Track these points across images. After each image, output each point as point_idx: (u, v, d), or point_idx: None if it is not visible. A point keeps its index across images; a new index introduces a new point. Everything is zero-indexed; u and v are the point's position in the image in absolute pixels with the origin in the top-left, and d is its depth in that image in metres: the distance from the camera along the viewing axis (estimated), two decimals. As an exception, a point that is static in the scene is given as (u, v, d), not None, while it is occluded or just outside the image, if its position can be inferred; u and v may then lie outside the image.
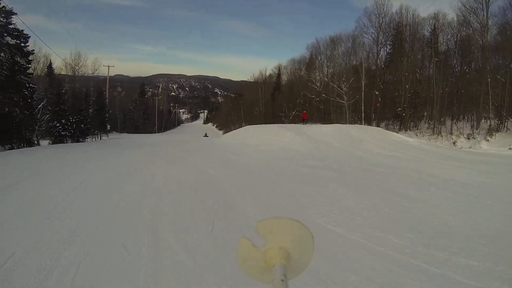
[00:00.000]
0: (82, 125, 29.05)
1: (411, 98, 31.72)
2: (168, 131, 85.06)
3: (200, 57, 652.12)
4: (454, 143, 23.93)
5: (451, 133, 26.28)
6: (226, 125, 76.30)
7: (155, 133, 69.43)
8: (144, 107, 69.57)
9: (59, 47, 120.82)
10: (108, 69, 42.71)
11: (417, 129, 28.92)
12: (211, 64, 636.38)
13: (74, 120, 26.92)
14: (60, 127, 25.34)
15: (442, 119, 28.26)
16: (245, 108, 59.47)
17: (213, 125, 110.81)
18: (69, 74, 51.50)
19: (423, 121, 30.99)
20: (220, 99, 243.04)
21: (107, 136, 38.99)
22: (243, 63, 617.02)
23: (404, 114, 31.03)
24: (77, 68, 52.80)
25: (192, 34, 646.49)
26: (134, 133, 63.38)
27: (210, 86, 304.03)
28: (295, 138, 18.45)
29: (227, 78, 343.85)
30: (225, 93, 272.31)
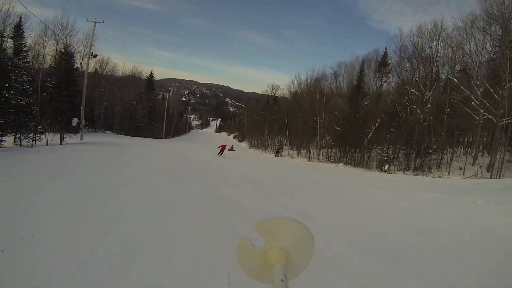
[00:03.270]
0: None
1: None
2: (177, 137, 67.50)
3: (212, 64, 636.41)
4: None
5: None
6: (250, 137, 58.92)
7: (161, 138, 52.02)
8: (150, 104, 52.18)
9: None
10: (94, 26, 25.13)
11: None
12: (223, 73, 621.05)
13: None
14: None
15: None
16: (283, 119, 42.11)
17: (228, 135, 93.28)
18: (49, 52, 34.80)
19: None
20: (231, 108, 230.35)
21: (79, 138, 21.68)
22: (254, 75, 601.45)
23: None
24: (61, 36, 36.04)
25: (207, 42, 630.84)
26: (135, 135, 46.06)
27: (221, 95, 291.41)
28: None
29: (238, 88, 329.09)
30: (236, 103, 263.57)
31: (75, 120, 19.82)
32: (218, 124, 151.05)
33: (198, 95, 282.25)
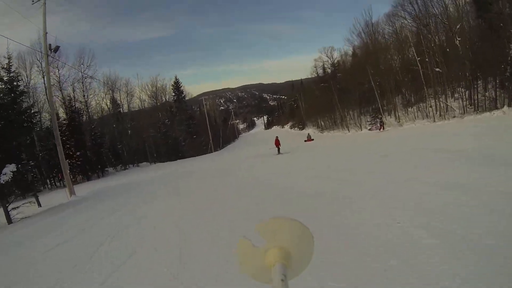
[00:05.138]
0: None
1: None
2: (227, 146, 56.76)
3: (240, 67, 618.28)
4: None
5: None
6: (313, 121, 46.47)
7: (210, 152, 41.29)
8: (187, 116, 41.43)
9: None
10: (45, 37, 13.85)
11: None
12: (252, 72, 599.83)
13: None
14: None
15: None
16: (360, 81, 29.12)
17: (282, 127, 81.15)
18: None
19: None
20: (271, 102, 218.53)
21: (68, 194, 11.34)
22: (283, 64, 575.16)
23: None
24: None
25: (227, 46, 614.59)
26: (177, 158, 35.76)
27: (257, 93, 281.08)
28: None
29: (271, 82, 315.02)
30: (274, 96, 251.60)
31: (8, 169, 8.72)
32: (265, 121, 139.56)
33: (235, 100, 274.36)
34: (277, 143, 20.43)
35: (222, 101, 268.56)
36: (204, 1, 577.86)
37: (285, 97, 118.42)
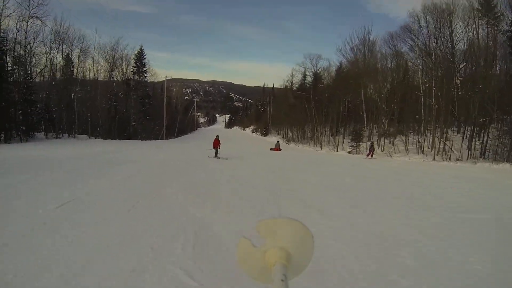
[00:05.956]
0: None
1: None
2: (183, 136, 51.90)
3: (213, 62, 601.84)
4: None
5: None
6: (278, 129, 43.40)
7: (161, 139, 36.52)
8: (144, 93, 36.23)
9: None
10: None
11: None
12: (224, 70, 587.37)
13: None
14: None
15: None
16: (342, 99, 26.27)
17: (243, 129, 77.57)
18: None
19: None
20: (236, 103, 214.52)
21: None
22: (256, 69, 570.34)
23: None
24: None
25: (205, 39, 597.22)
26: (121, 138, 30.69)
27: (224, 91, 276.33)
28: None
29: (241, 83, 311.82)
30: (240, 97, 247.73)
31: None
32: (227, 119, 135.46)
33: (202, 93, 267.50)
34: (216, 144, 15.70)
35: (188, 91, 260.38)
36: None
37: (251, 101, 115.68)
